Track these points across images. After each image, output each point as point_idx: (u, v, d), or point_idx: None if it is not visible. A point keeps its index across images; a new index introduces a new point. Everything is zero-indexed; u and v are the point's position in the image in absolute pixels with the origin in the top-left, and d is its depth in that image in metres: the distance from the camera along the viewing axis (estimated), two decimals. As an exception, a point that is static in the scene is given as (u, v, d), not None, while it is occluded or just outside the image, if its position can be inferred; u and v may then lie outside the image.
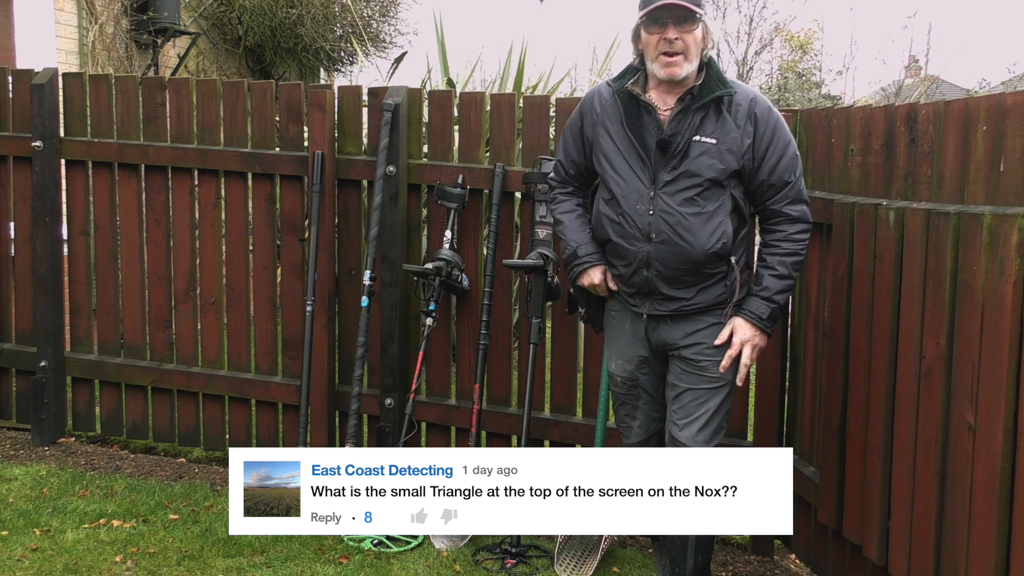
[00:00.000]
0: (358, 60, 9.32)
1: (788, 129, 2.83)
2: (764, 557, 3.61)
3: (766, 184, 2.79)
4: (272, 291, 4.25)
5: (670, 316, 2.84)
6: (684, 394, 2.85)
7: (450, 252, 3.76)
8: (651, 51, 2.76)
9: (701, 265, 2.76)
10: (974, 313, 2.30)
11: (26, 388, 4.61)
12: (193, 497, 3.89)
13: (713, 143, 2.74)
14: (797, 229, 2.81)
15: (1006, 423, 2.18)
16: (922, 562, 2.53)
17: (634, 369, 2.95)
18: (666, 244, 2.75)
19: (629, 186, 2.80)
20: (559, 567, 3.37)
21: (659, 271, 2.78)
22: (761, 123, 2.77)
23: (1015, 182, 2.23)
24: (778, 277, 2.79)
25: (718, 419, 2.85)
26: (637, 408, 3.00)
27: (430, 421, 4.02)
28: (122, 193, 4.40)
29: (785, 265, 2.79)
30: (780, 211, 2.81)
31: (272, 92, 4.15)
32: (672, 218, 2.74)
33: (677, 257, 2.75)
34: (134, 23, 7.36)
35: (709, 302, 2.82)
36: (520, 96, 4.62)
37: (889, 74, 37.31)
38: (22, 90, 4.46)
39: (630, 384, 2.98)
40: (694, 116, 2.75)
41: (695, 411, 2.83)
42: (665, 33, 2.71)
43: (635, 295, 2.88)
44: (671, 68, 2.72)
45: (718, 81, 2.77)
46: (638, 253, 2.79)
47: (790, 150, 2.80)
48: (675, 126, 2.75)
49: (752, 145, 2.76)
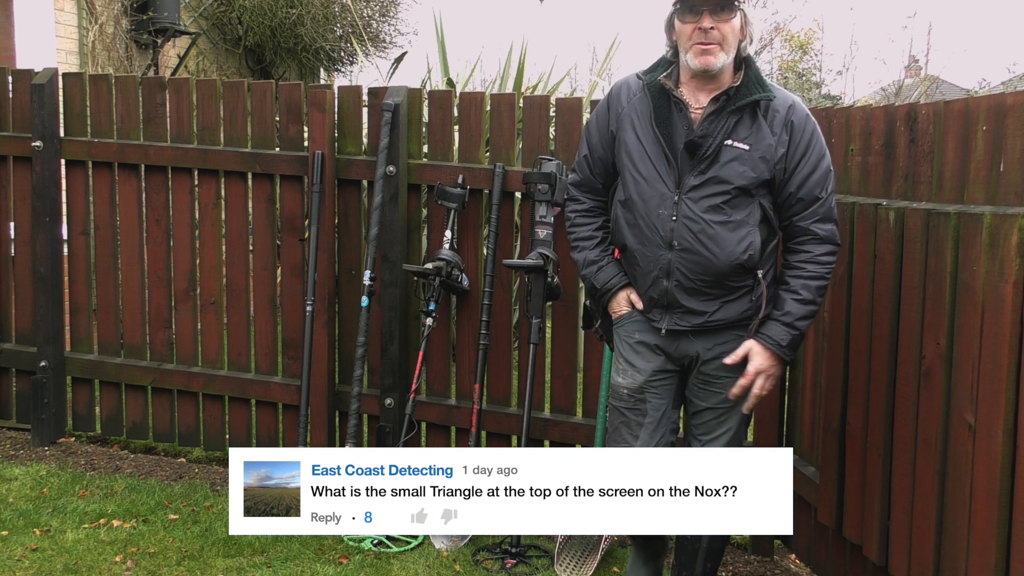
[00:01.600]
0: (358, 60, 9.32)
1: (824, 142, 2.66)
2: (764, 557, 3.61)
3: (794, 198, 2.61)
4: (272, 291, 4.25)
5: (692, 331, 2.67)
6: (704, 412, 2.75)
7: (450, 252, 3.76)
8: (685, 41, 2.58)
9: (725, 277, 2.59)
10: (974, 313, 2.30)
11: (26, 388, 4.60)
12: (193, 497, 3.89)
13: (746, 149, 2.57)
14: (824, 251, 2.62)
15: (1006, 423, 2.18)
16: (922, 562, 2.53)
17: (645, 381, 2.74)
18: (689, 252, 2.58)
19: (652, 189, 2.62)
20: (559, 567, 3.37)
21: (680, 282, 2.61)
22: (797, 132, 2.60)
23: (1015, 182, 2.24)
24: (801, 302, 2.60)
25: (737, 441, 2.77)
26: (641, 425, 2.75)
27: (430, 421, 4.02)
28: (122, 193, 4.40)
29: (809, 289, 2.60)
30: (808, 229, 2.62)
31: (272, 92, 4.15)
32: (696, 226, 2.57)
33: (700, 267, 2.59)
34: (134, 23, 7.36)
35: (733, 318, 2.65)
36: (520, 96, 4.62)
37: (889, 74, 37.29)
38: (22, 90, 4.46)
39: (636, 398, 2.76)
40: (728, 119, 2.58)
41: (716, 429, 2.74)
42: (700, 22, 2.53)
43: (654, 308, 2.70)
44: (706, 57, 2.54)
45: (757, 83, 2.60)
46: (658, 261, 2.63)
47: (823, 164, 2.63)
48: (706, 127, 2.58)
49: (786, 155, 2.59)
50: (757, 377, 2.61)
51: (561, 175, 3.59)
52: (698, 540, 2.83)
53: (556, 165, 3.62)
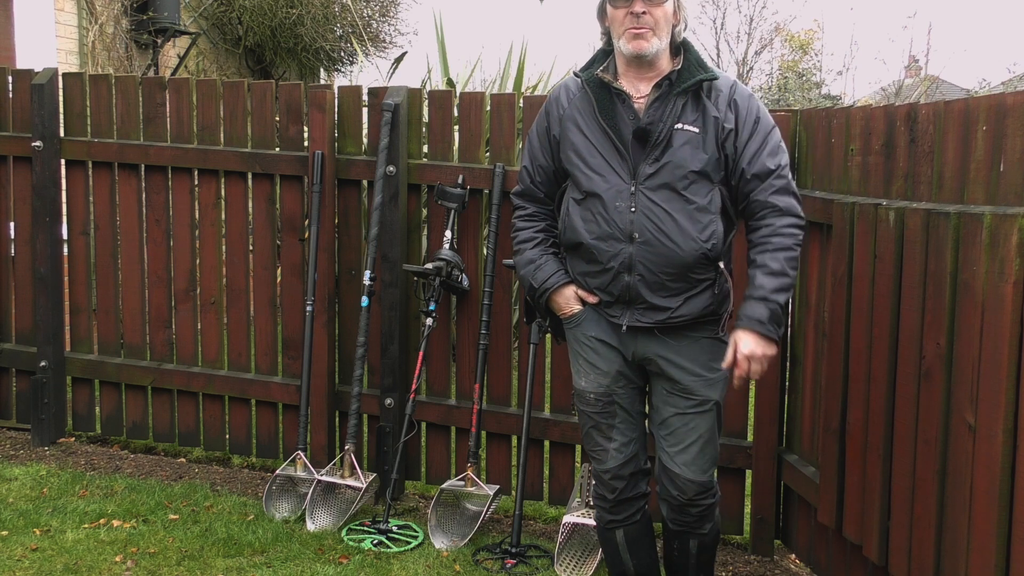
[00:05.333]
0: (358, 60, 9.32)
1: (770, 118, 2.62)
2: (764, 557, 3.61)
3: (748, 173, 2.55)
4: (272, 291, 4.25)
5: (655, 328, 2.60)
6: (671, 419, 2.65)
7: (450, 252, 3.76)
8: (617, 26, 2.56)
9: (689, 269, 2.53)
10: (974, 313, 2.30)
11: (26, 388, 4.60)
12: (193, 497, 3.89)
13: (696, 131, 2.53)
14: (786, 223, 2.54)
15: (1006, 423, 2.18)
16: (922, 562, 2.53)
17: (611, 383, 2.67)
18: (650, 245, 2.52)
19: (607, 182, 2.56)
20: (559, 567, 3.37)
21: (642, 275, 2.54)
22: (742, 109, 2.56)
23: (1015, 182, 2.23)
24: (771, 274, 2.50)
25: (712, 447, 2.67)
26: (613, 428, 2.69)
27: (430, 421, 4.02)
28: (122, 193, 4.40)
29: (777, 260, 2.50)
30: (766, 202, 2.54)
31: (272, 92, 4.15)
32: (656, 216, 2.52)
33: (663, 259, 2.52)
34: (134, 23, 7.35)
35: (696, 314, 2.58)
36: (520, 96, 4.63)
37: (889, 74, 37.32)
38: (22, 90, 4.46)
39: (605, 401, 2.68)
40: (675, 102, 2.54)
41: (685, 437, 2.63)
42: (632, 7, 2.51)
43: (614, 304, 2.62)
44: (638, 42, 2.52)
45: (698, 66, 2.57)
46: (618, 256, 2.55)
47: (773, 137, 2.58)
48: (653, 114, 2.55)
49: (734, 132, 2.55)
50: (749, 362, 2.50)
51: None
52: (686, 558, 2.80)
53: (556, 165, 3.61)
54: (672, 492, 2.69)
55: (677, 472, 2.65)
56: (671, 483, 2.68)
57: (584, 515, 3.46)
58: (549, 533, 3.77)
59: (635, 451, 2.73)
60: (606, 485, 2.75)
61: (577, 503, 3.56)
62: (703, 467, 2.66)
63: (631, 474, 2.74)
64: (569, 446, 3.85)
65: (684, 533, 2.76)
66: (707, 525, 2.75)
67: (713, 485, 2.72)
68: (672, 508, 2.73)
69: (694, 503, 2.68)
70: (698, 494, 2.67)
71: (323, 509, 3.72)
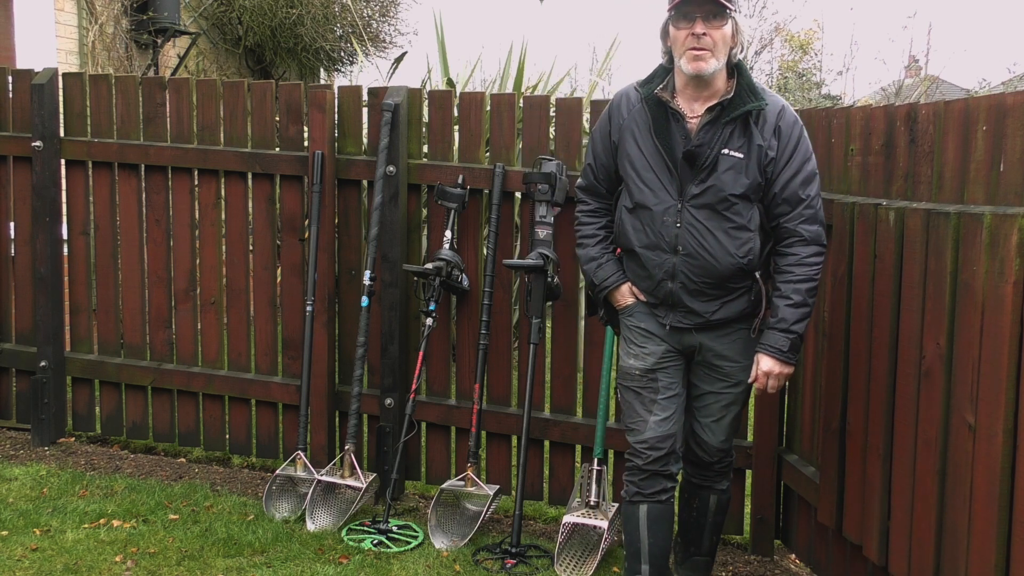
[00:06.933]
0: (358, 60, 9.32)
1: (810, 145, 2.80)
2: (764, 557, 3.61)
3: (779, 198, 2.76)
4: (272, 291, 4.25)
5: (694, 328, 2.85)
6: (708, 396, 2.94)
7: (450, 252, 3.76)
8: (679, 47, 2.71)
9: (726, 279, 2.78)
10: (974, 313, 2.30)
11: (26, 388, 4.60)
12: (193, 497, 3.89)
13: (740, 157, 2.72)
14: (811, 252, 2.77)
15: (1006, 423, 2.19)
16: (922, 562, 2.53)
17: (656, 361, 2.89)
18: (692, 257, 2.76)
19: (656, 197, 2.78)
20: (559, 567, 3.37)
21: (684, 283, 2.79)
22: (785, 136, 2.75)
23: (1015, 182, 2.23)
24: (794, 306, 2.76)
25: (738, 421, 3.02)
26: (655, 402, 2.88)
27: (430, 421, 4.02)
28: (122, 193, 4.40)
29: (800, 293, 2.75)
30: (794, 230, 2.77)
31: (272, 92, 4.15)
32: (699, 232, 2.75)
33: (703, 271, 2.76)
34: (134, 23, 7.35)
35: (733, 316, 2.84)
36: (520, 96, 4.63)
37: (889, 74, 37.35)
38: (22, 90, 4.46)
39: (649, 377, 2.89)
40: (724, 129, 2.72)
41: (720, 412, 2.94)
42: (693, 28, 2.67)
43: (659, 306, 2.89)
44: (698, 63, 2.68)
45: (749, 92, 2.73)
46: (663, 265, 2.80)
47: (808, 167, 2.77)
48: (702, 137, 2.73)
49: (774, 159, 2.74)
50: (768, 379, 2.81)
51: (561, 175, 3.59)
52: (704, 516, 3.09)
53: (556, 165, 3.62)
54: (699, 454, 3.02)
55: (707, 440, 2.97)
56: (699, 447, 3.00)
57: (584, 515, 3.46)
58: (549, 533, 3.77)
59: (673, 430, 2.89)
60: (639, 454, 2.90)
61: (577, 503, 3.56)
62: (730, 436, 3.01)
63: (666, 451, 2.88)
64: (569, 446, 3.85)
65: (705, 488, 3.09)
66: (724, 482, 3.09)
67: (732, 449, 3.07)
68: (697, 466, 3.06)
69: (718, 462, 3.04)
70: (721, 457, 3.03)
71: (323, 509, 3.72)
